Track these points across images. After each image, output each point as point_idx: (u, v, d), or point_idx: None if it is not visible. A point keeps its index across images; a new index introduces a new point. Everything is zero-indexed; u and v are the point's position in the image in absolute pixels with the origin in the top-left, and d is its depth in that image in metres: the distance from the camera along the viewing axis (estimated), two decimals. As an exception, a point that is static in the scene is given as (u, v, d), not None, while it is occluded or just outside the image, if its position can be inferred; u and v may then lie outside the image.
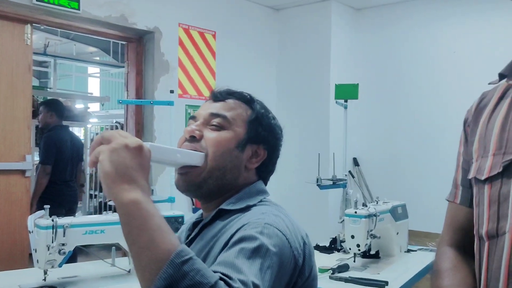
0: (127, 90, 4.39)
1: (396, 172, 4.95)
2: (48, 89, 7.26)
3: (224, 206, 1.02)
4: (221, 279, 0.76)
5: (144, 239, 0.74)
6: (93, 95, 9.18)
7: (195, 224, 1.09)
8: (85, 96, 8.28)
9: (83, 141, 5.92)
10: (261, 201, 1.03)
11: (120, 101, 2.97)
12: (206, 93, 4.66)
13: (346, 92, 2.65)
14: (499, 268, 0.82)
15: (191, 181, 1.01)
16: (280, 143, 1.12)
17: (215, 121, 1.05)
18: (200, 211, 1.13)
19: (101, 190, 6.42)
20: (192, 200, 4.38)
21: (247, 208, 1.00)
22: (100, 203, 6.28)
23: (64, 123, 5.18)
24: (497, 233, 0.83)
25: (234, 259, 0.82)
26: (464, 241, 0.97)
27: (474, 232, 0.90)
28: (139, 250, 0.74)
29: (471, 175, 0.91)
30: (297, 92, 5.06)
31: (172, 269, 0.72)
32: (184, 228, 1.14)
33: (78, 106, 6.57)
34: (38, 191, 3.98)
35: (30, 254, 3.50)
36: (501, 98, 0.92)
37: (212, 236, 0.99)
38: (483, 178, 0.86)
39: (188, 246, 1.02)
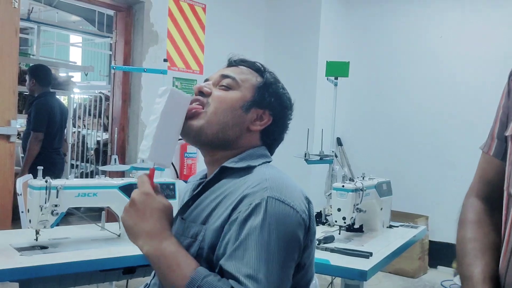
0: (114, 60, 4.35)
1: (379, 153, 5.04)
2: (31, 56, 7.12)
3: (226, 164, 1.07)
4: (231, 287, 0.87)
5: (163, 280, 0.95)
6: (77, 64, 9.04)
7: (199, 184, 1.13)
8: (68, 64, 8.15)
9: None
10: (262, 163, 1.07)
11: (114, 67, 2.96)
12: (195, 66, 4.66)
13: (337, 70, 2.69)
14: None
15: (190, 126, 1.07)
16: (288, 113, 1.16)
17: (225, 81, 1.11)
18: (204, 172, 1.17)
19: (82, 161, 6.39)
20: (176, 172, 4.41)
21: (249, 169, 1.04)
22: (81, 173, 6.26)
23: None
24: None
25: (242, 251, 0.90)
26: (492, 194, 0.98)
27: (504, 188, 0.92)
28: (165, 284, 0.95)
29: (508, 132, 0.94)
30: (285, 68, 5.05)
31: None
32: (189, 188, 1.18)
33: (61, 74, 6.47)
34: (30, 158, 3.94)
35: (14, 217, 3.51)
36: None
37: (217, 195, 1.03)
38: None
39: (193, 203, 1.07)
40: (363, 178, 2.28)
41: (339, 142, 5.39)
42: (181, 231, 1.04)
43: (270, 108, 1.12)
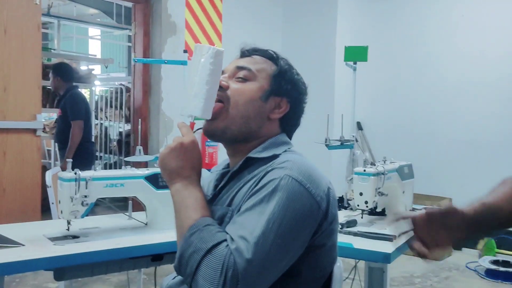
0: (134, 51, 4.41)
1: (400, 137, 5.02)
2: (52, 50, 7.24)
3: (251, 154, 1.10)
4: (225, 240, 0.92)
5: (177, 219, 1.02)
6: (97, 57, 9.15)
7: (223, 174, 1.16)
8: (88, 58, 8.27)
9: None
10: (285, 150, 1.10)
11: (136, 60, 3.01)
12: (213, 55, 4.69)
13: (356, 54, 2.69)
14: None
15: (215, 127, 1.11)
16: (304, 98, 1.19)
17: (241, 73, 1.13)
18: (226, 162, 1.21)
19: (105, 152, 6.51)
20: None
21: (274, 157, 1.07)
22: (105, 164, 6.37)
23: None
24: None
25: (245, 216, 0.96)
26: None
27: None
28: (176, 227, 1.01)
29: None
30: (303, 53, 5.06)
31: (183, 240, 0.95)
32: (212, 178, 1.21)
33: (82, 68, 6.57)
34: (74, 146, 4.04)
35: (43, 209, 3.62)
36: None
37: (241, 181, 1.07)
38: None
39: (218, 195, 1.10)
40: (384, 162, 2.29)
41: (359, 126, 5.37)
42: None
43: (287, 95, 1.15)
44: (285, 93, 1.15)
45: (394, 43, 5.04)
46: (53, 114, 6.65)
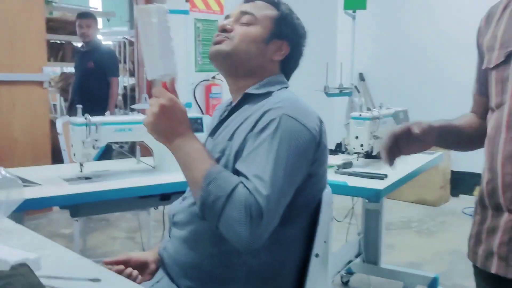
0: (136, 3, 4.43)
1: (401, 87, 5.07)
2: (54, 4, 7.20)
3: (249, 90, 1.21)
4: (241, 182, 1.02)
5: (186, 173, 1.09)
6: (98, 10, 9.08)
7: (225, 110, 1.27)
8: (91, 11, 8.20)
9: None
10: (280, 89, 1.20)
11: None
12: (215, 6, 4.69)
13: (355, 3, 2.72)
14: (500, 124, 1.07)
15: (220, 49, 1.20)
16: (303, 41, 1.27)
17: (245, 18, 1.21)
18: (229, 100, 1.31)
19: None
20: (201, 110, 4.59)
21: (269, 94, 1.17)
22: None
23: (73, 38, 5.22)
24: (501, 103, 1.07)
25: (254, 154, 1.06)
26: (480, 114, 1.24)
27: (489, 107, 1.14)
28: (188, 181, 1.10)
29: (484, 66, 1.15)
30: (305, 1, 5.05)
31: (202, 191, 1.04)
32: (216, 114, 1.32)
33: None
34: (114, 103, 4.17)
35: (54, 154, 3.76)
36: (505, 8, 1.14)
37: (241, 116, 1.18)
38: (491, 66, 1.11)
39: (220, 126, 1.21)
40: (380, 108, 2.38)
41: (361, 77, 5.42)
42: (210, 148, 1.20)
43: (288, 38, 1.23)
44: (286, 36, 1.23)
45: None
46: (57, 69, 6.71)
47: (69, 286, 0.86)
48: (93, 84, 4.11)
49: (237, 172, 1.07)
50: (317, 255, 1.17)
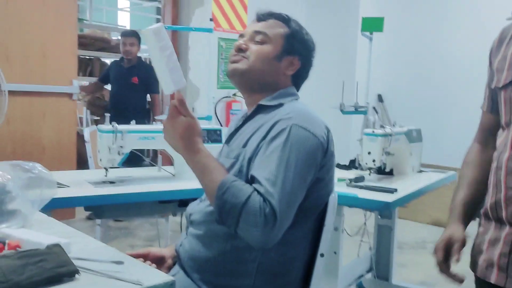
0: (163, 22, 4.61)
1: (418, 110, 5.13)
2: (85, 21, 7.50)
3: (262, 102, 1.31)
4: (254, 190, 1.12)
5: (203, 184, 1.21)
6: (126, 28, 9.39)
7: (240, 120, 1.38)
8: (118, 28, 8.50)
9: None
10: (291, 101, 1.30)
11: (166, 27, 3.20)
12: (238, 26, 4.86)
13: (372, 25, 2.83)
14: (507, 142, 1.14)
15: (237, 68, 1.31)
16: (312, 55, 1.38)
17: (258, 37, 1.32)
18: (244, 112, 1.42)
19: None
20: (220, 124, 4.72)
21: (280, 105, 1.28)
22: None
23: (101, 54, 5.43)
24: (509, 122, 1.14)
25: (266, 161, 1.16)
26: (487, 138, 1.29)
27: (500, 125, 1.20)
28: (204, 189, 1.23)
29: (493, 85, 1.22)
30: (327, 24, 5.19)
31: (217, 199, 1.15)
32: (232, 124, 1.43)
33: (113, 38, 6.80)
34: (158, 115, 4.32)
35: (78, 163, 3.92)
36: None
37: (255, 125, 1.28)
38: (500, 86, 1.18)
39: (235, 134, 1.32)
40: (393, 125, 2.46)
41: (380, 98, 5.50)
42: (226, 154, 1.31)
43: (298, 54, 1.34)
44: (297, 52, 1.34)
45: (416, 16, 5.11)
46: (85, 83, 6.95)
47: (95, 266, 0.96)
48: (135, 98, 4.34)
49: (251, 177, 1.17)
50: (322, 255, 1.26)
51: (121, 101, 4.43)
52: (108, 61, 6.02)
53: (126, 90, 4.42)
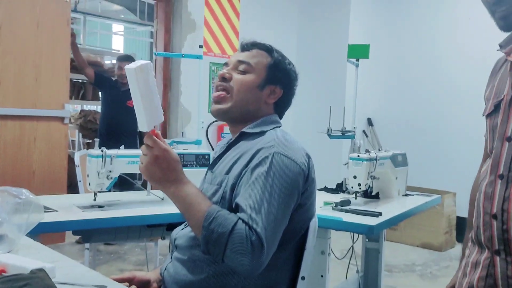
0: (155, 47, 4.69)
1: (407, 134, 5.20)
2: (78, 45, 7.58)
3: (245, 129, 1.35)
4: (239, 219, 1.14)
5: (186, 215, 1.21)
6: (120, 52, 9.48)
7: (224, 146, 1.42)
8: (112, 52, 8.59)
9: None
10: (273, 128, 1.35)
11: (156, 53, 3.28)
12: (230, 51, 4.94)
13: (358, 52, 2.90)
14: (488, 168, 1.16)
15: (220, 108, 1.35)
16: (295, 84, 1.43)
17: (241, 67, 1.37)
18: (228, 138, 1.46)
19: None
20: (211, 147, 4.75)
21: (262, 133, 1.32)
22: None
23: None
24: (492, 149, 1.18)
25: (250, 190, 1.19)
26: None
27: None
28: (188, 221, 1.23)
29: (483, 115, 1.28)
30: (317, 50, 5.30)
31: (204, 230, 1.16)
32: (217, 150, 1.47)
33: (106, 62, 6.87)
34: None
35: (69, 187, 3.92)
36: (504, 62, 1.26)
37: (237, 152, 1.32)
38: (485, 114, 1.23)
39: (219, 160, 1.36)
40: (379, 150, 2.51)
41: (369, 122, 5.57)
42: (209, 180, 1.34)
43: (280, 83, 1.39)
44: (279, 81, 1.39)
45: (403, 42, 5.23)
46: (77, 107, 6.99)
47: (79, 291, 0.99)
48: (128, 121, 4.37)
49: (236, 205, 1.20)
50: (303, 278, 1.28)
51: (114, 123, 4.49)
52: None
53: (120, 113, 4.48)
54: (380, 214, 2.08)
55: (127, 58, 4.58)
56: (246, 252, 1.11)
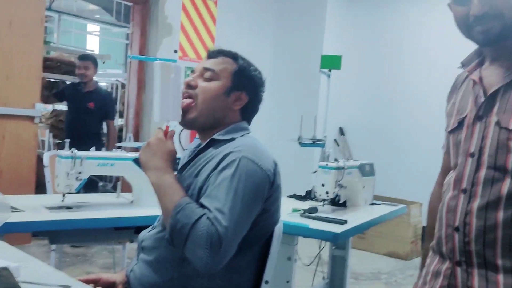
0: (131, 49, 4.68)
1: (376, 144, 5.32)
2: (52, 44, 7.47)
3: (215, 136, 1.38)
4: (204, 214, 1.18)
5: (161, 203, 1.27)
6: (95, 53, 9.38)
7: (193, 151, 1.44)
8: (87, 53, 8.48)
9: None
10: (243, 135, 1.38)
11: (130, 57, 3.27)
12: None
13: (331, 63, 2.97)
14: (450, 182, 1.22)
15: (187, 118, 1.39)
16: (261, 90, 1.46)
17: (207, 74, 1.41)
18: (197, 142, 1.49)
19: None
20: (183, 148, 4.76)
21: (232, 139, 1.35)
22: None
23: (66, 77, 5.45)
24: (456, 164, 1.22)
25: (216, 191, 1.23)
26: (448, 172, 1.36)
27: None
28: (162, 210, 1.28)
29: (445, 130, 1.34)
30: (292, 62, 5.38)
31: (171, 219, 1.21)
32: (186, 154, 1.50)
33: (80, 62, 6.78)
34: (113, 142, 4.37)
35: (37, 187, 3.87)
36: (466, 78, 1.31)
37: (206, 157, 1.35)
38: (449, 130, 1.28)
39: (187, 166, 1.38)
40: (347, 159, 2.57)
41: (341, 131, 5.67)
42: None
43: (246, 89, 1.42)
44: (244, 87, 1.42)
45: (375, 54, 5.37)
46: (49, 106, 6.89)
47: (43, 291, 1.00)
48: (90, 123, 4.38)
49: (201, 205, 1.23)
50: (266, 282, 1.32)
51: (76, 125, 4.46)
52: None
53: (82, 114, 4.46)
54: (346, 222, 2.13)
55: (87, 57, 4.57)
56: (205, 247, 1.14)
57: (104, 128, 4.66)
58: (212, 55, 1.45)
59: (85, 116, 4.42)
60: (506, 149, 1.11)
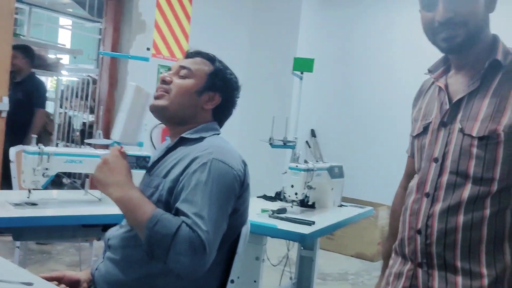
0: (103, 45, 4.61)
1: (345, 146, 5.40)
2: (21, 37, 7.31)
3: (184, 135, 1.39)
4: (183, 222, 1.18)
5: (131, 218, 1.26)
6: (66, 47, 9.21)
7: (163, 150, 1.45)
8: (57, 47, 8.33)
9: (53, 91, 6.14)
10: (212, 135, 1.39)
11: (102, 53, 3.23)
12: (179, 54, 4.94)
13: (303, 65, 3.00)
14: (414, 186, 1.26)
15: (158, 104, 1.41)
16: (235, 93, 1.48)
17: (182, 72, 1.42)
18: (167, 142, 1.49)
19: (67, 141, 6.63)
20: (154, 147, 4.72)
21: (201, 139, 1.36)
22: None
23: (37, 71, 5.34)
24: (420, 168, 1.26)
25: (191, 196, 1.23)
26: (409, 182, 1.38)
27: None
28: (132, 224, 1.29)
29: (410, 134, 1.37)
30: (266, 64, 5.41)
31: (148, 231, 1.20)
32: (156, 154, 1.50)
33: (50, 56, 6.67)
34: (35, 131, 4.19)
35: (3, 183, 3.77)
36: (431, 84, 1.35)
37: (176, 157, 1.36)
38: (414, 135, 1.32)
39: (157, 164, 1.38)
40: (317, 161, 2.60)
41: (313, 133, 5.73)
42: (147, 183, 1.36)
43: (220, 90, 1.44)
44: (218, 88, 1.44)
45: (347, 58, 5.46)
46: None
47: (3, 287, 0.98)
48: (21, 115, 4.25)
49: (177, 210, 1.23)
50: (232, 281, 1.33)
51: (9, 118, 4.22)
52: (43, 78, 5.90)
53: (12, 106, 4.21)
54: (313, 223, 2.16)
55: (16, 47, 4.42)
56: (189, 254, 1.15)
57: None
58: (190, 55, 1.47)
59: (15, 107, 4.21)
60: (468, 155, 1.15)
